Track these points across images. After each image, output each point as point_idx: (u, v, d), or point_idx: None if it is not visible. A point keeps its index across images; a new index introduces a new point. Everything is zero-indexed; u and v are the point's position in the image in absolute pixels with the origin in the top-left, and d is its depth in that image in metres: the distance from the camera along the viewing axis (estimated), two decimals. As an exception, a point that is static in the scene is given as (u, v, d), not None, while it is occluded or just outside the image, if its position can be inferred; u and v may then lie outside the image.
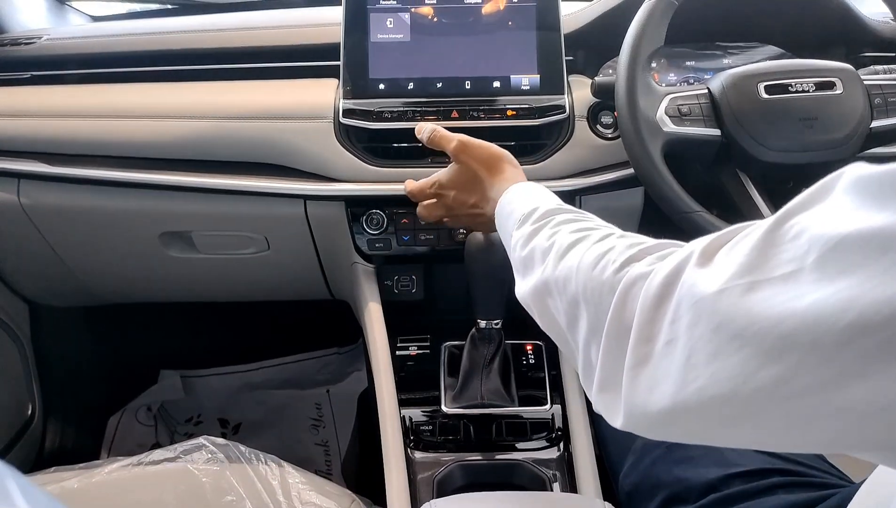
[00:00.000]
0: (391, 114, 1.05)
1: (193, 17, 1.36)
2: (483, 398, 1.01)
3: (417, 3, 1.08)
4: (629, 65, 0.93)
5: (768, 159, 0.91)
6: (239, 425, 1.73)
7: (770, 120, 0.91)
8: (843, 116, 0.91)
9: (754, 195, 0.93)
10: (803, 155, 0.91)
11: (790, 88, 0.92)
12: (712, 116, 0.94)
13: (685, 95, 0.95)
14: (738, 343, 0.37)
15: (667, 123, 0.92)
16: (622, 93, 0.93)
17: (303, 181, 1.08)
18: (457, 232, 1.09)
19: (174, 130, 1.08)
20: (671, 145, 0.92)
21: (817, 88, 0.92)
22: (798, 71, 0.94)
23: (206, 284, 1.37)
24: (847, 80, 0.93)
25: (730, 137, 0.92)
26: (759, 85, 0.92)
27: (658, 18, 0.93)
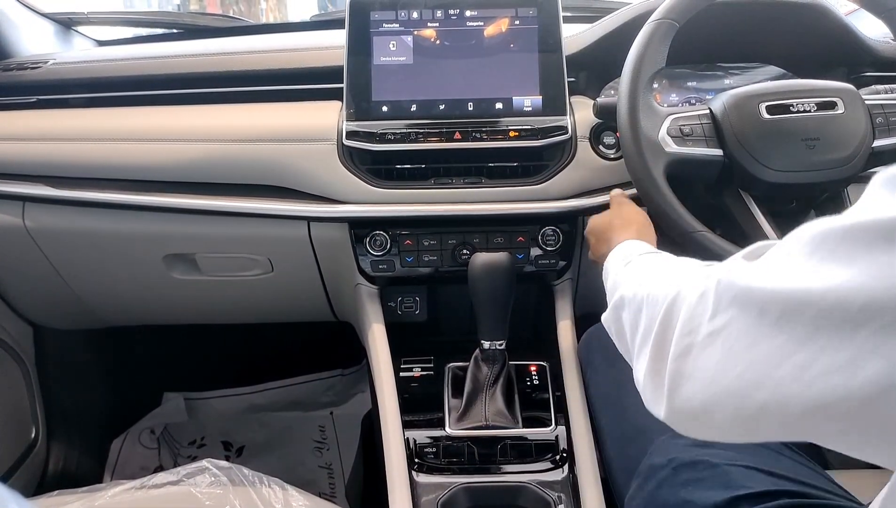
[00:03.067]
0: (394, 136, 1.06)
1: (198, 42, 1.37)
2: (487, 420, 1.00)
3: (420, 26, 1.09)
4: (631, 86, 0.93)
5: (771, 180, 0.90)
6: (242, 447, 1.72)
7: (772, 140, 0.91)
8: (845, 136, 0.91)
9: (757, 215, 0.93)
10: (806, 175, 0.91)
11: (791, 108, 0.92)
12: (714, 136, 0.94)
13: (687, 116, 0.95)
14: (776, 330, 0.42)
15: (669, 143, 0.93)
16: (624, 113, 0.93)
17: (306, 203, 1.09)
18: (460, 253, 1.10)
19: (179, 153, 1.09)
20: (673, 166, 0.92)
21: (819, 108, 0.92)
22: (799, 91, 0.94)
23: (209, 306, 1.37)
24: (848, 99, 0.93)
25: (732, 157, 0.92)
26: (760, 105, 0.92)
27: (659, 40, 0.94)
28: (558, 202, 1.07)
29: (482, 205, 1.07)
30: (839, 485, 0.74)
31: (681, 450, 0.80)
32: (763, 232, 0.91)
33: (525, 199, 1.07)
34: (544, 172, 1.08)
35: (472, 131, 1.06)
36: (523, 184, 1.08)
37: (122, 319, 1.47)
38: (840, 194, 0.95)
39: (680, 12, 0.94)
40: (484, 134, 1.06)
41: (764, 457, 0.75)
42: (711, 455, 0.75)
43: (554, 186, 1.07)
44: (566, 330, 1.11)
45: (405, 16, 1.09)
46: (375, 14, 1.09)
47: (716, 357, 0.47)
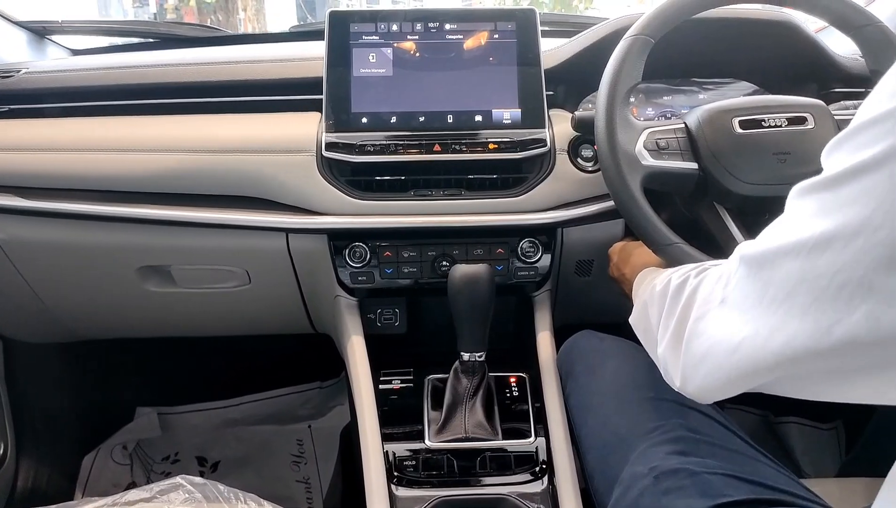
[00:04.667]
0: (374, 147, 1.06)
1: (175, 52, 1.36)
2: (467, 432, 1.00)
3: (400, 39, 1.09)
4: (608, 100, 0.94)
5: (744, 193, 0.92)
6: (218, 463, 1.70)
7: (745, 154, 0.92)
8: (815, 151, 0.91)
9: (731, 227, 0.94)
10: (778, 188, 0.92)
11: (763, 122, 0.93)
12: (689, 150, 0.95)
13: (663, 130, 0.97)
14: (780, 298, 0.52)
15: (645, 156, 0.94)
16: (601, 127, 0.94)
17: (285, 214, 1.08)
18: (439, 265, 1.10)
19: (154, 164, 1.08)
20: (650, 179, 0.94)
21: (789, 123, 0.93)
22: (771, 106, 0.95)
23: (184, 319, 1.35)
24: (818, 115, 0.95)
25: (706, 170, 0.93)
26: (733, 120, 0.94)
27: (635, 55, 0.95)
28: (537, 214, 1.08)
29: (462, 217, 1.08)
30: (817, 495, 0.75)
31: (662, 458, 0.80)
32: (736, 244, 0.92)
33: (504, 211, 1.08)
34: (523, 184, 1.09)
35: (451, 144, 1.06)
36: (502, 196, 1.08)
37: (94, 332, 1.45)
38: None
39: (655, 28, 0.96)
40: (463, 146, 1.06)
41: (744, 465, 0.76)
42: (692, 464, 0.76)
43: (533, 199, 1.08)
44: (545, 341, 1.12)
45: (385, 28, 1.09)
46: (355, 26, 1.09)
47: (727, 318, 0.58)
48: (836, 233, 0.47)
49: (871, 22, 0.96)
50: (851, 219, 0.46)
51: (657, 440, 0.84)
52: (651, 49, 0.96)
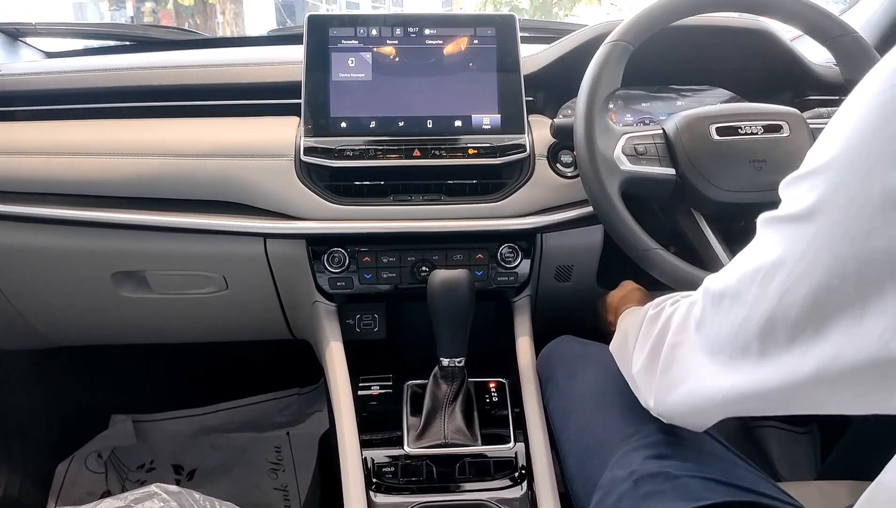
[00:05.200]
0: (353, 152, 1.05)
1: (152, 55, 1.35)
2: (446, 438, 0.99)
3: (379, 43, 1.09)
4: (587, 105, 0.95)
5: (720, 199, 0.93)
6: (194, 471, 1.68)
7: (721, 161, 0.93)
8: (790, 158, 0.94)
9: (707, 233, 0.95)
10: (753, 195, 0.93)
11: (740, 130, 0.94)
12: (667, 155, 0.96)
13: (641, 135, 0.97)
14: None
15: (624, 162, 0.94)
16: (581, 133, 0.94)
17: (263, 219, 1.07)
18: (419, 270, 1.09)
19: (129, 168, 1.07)
20: (628, 184, 0.94)
21: (765, 131, 0.95)
22: (747, 114, 0.97)
23: (160, 325, 1.34)
24: (793, 123, 0.96)
25: (684, 176, 0.94)
26: (710, 127, 0.95)
27: (615, 61, 0.96)
28: (517, 220, 1.08)
29: (441, 222, 1.07)
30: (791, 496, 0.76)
31: (641, 463, 0.81)
32: (713, 250, 0.94)
33: (484, 216, 1.08)
34: (503, 189, 1.09)
35: (431, 148, 1.06)
36: (482, 201, 1.08)
37: (67, 339, 1.43)
38: None
39: (635, 35, 0.96)
40: (443, 151, 1.06)
41: (722, 469, 0.76)
42: (672, 467, 0.76)
43: (512, 204, 1.08)
44: (525, 346, 1.12)
45: (364, 33, 1.09)
46: (334, 30, 1.09)
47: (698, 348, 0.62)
48: (785, 259, 0.52)
49: (847, 32, 0.98)
50: (792, 252, 0.51)
51: (636, 444, 0.84)
52: (630, 56, 0.97)
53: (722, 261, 0.92)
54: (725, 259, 0.93)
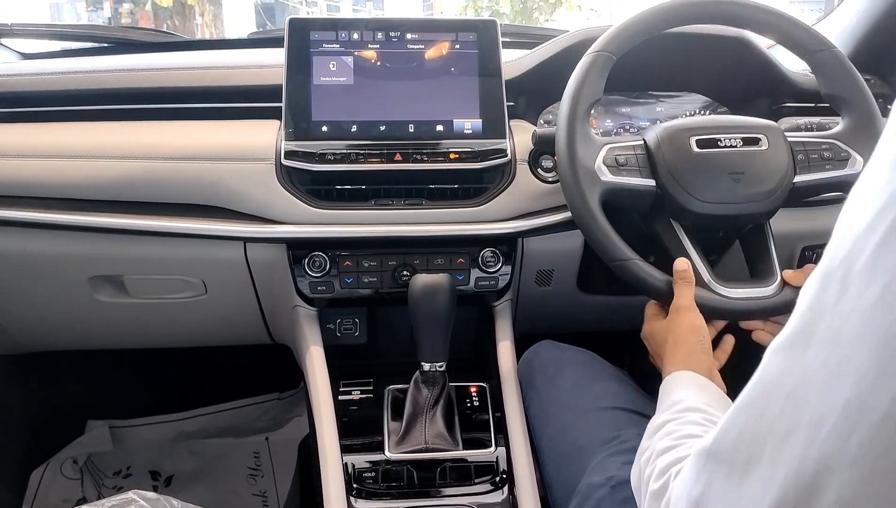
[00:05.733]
0: (334, 156, 1.05)
1: (130, 56, 1.34)
2: (427, 443, 0.99)
3: (360, 47, 1.09)
4: (569, 116, 0.95)
5: (699, 210, 0.94)
6: (171, 477, 1.66)
7: (701, 173, 0.94)
8: (768, 171, 0.95)
9: (686, 244, 0.96)
10: (732, 207, 0.95)
11: (720, 142, 0.95)
12: (648, 166, 0.97)
13: (622, 146, 0.98)
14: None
15: (604, 172, 0.95)
16: (562, 142, 0.95)
17: (242, 223, 1.06)
18: (400, 274, 1.09)
19: (108, 171, 1.05)
20: (608, 194, 0.95)
21: (744, 144, 0.96)
22: (727, 127, 0.98)
23: (138, 330, 1.32)
24: (772, 136, 0.97)
25: (664, 187, 0.95)
26: (691, 139, 0.96)
27: (597, 72, 0.96)
28: (498, 224, 1.08)
29: (422, 226, 1.07)
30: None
31: (619, 468, 0.81)
32: (691, 260, 0.94)
33: (465, 221, 1.08)
34: (484, 194, 1.09)
35: (412, 153, 1.06)
36: (463, 206, 1.08)
37: (43, 344, 1.40)
38: (763, 226, 0.99)
39: (618, 46, 0.97)
40: (424, 156, 1.06)
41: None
42: (649, 474, 0.76)
43: (493, 209, 1.08)
44: (506, 351, 1.12)
45: (345, 36, 1.09)
46: (315, 34, 1.08)
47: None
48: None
49: (826, 47, 0.98)
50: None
51: (614, 450, 0.85)
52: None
53: (701, 273, 0.93)
54: (704, 271, 0.93)
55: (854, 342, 0.37)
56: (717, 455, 0.47)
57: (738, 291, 0.92)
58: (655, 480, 0.62)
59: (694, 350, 0.84)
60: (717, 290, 0.92)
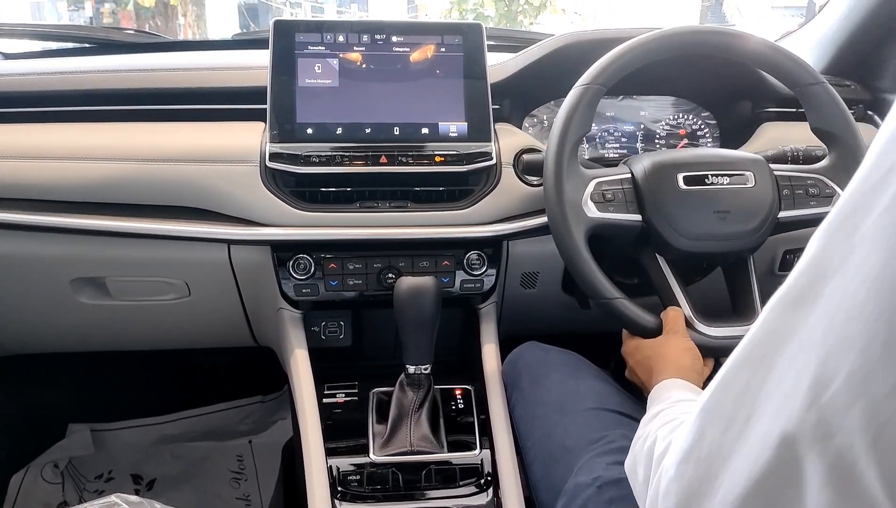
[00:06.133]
0: (319, 158, 1.05)
1: (113, 57, 1.33)
2: (412, 445, 0.99)
3: (346, 50, 1.08)
4: (558, 150, 0.95)
5: (684, 247, 0.95)
6: (153, 480, 1.65)
7: (687, 210, 0.95)
8: (753, 208, 0.96)
9: (669, 277, 0.97)
10: (716, 244, 0.96)
11: (707, 180, 0.96)
12: (634, 201, 0.97)
13: (610, 180, 0.98)
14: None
15: (591, 208, 0.95)
16: (550, 176, 0.95)
17: (227, 225, 1.06)
18: (385, 277, 1.09)
19: (91, 172, 1.05)
20: (595, 229, 0.96)
21: (731, 182, 0.97)
22: (714, 163, 0.99)
23: (120, 332, 1.31)
24: (759, 172, 0.98)
25: (650, 222, 0.96)
26: (678, 175, 0.96)
27: (586, 105, 0.97)
28: (483, 227, 1.08)
29: (407, 229, 1.07)
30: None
31: (605, 469, 0.81)
32: (673, 294, 0.96)
33: (450, 223, 1.08)
34: (469, 197, 1.09)
35: (398, 155, 1.06)
36: (448, 208, 1.08)
37: (23, 346, 1.39)
38: (746, 260, 1.01)
39: (606, 78, 0.98)
40: (410, 158, 1.06)
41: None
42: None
43: (479, 211, 1.08)
44: (491, 353, 1.12)
45: (331, 39, 1.08)
46: (301, 36, 1.08)
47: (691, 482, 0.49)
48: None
49: (817, 81, 0.99)
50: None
51: (600, 450, 0.85)
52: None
53: (682, 308, 0.94)
54: (686, 308, 0.94)
55: (860, 309, 0.36)
56: (717, 410, 0.47)
57: (720, 330, 0.93)
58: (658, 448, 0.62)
59: (686, 368, 0.86)
60: (699, 328, 0.93)
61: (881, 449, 0.35)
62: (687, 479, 0.49)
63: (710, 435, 0.47)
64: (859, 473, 0.36)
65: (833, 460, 0.37)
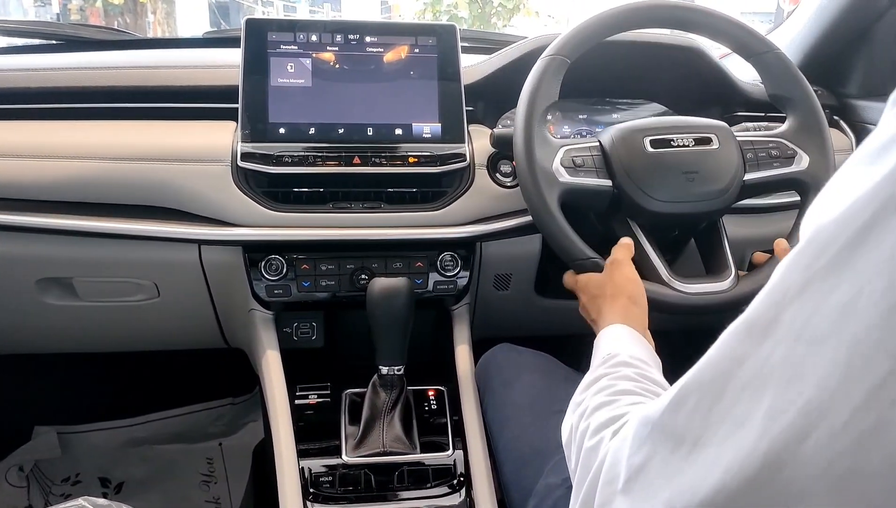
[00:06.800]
0: (292, 159, 1.04)
1: (81, 54, 1.30)
2: (385, 446, 0.99)
3: (319, 49, 1.08)
4: (526, 118, 0.96)
5: (655, 209, 0.96)
6: (122, 484, 1.62)
7: (656, 172, 0.96)
8: (720, 170, 0.98)
9: (643, 242, 0.98)
10: (686, 205, 0.97)
11: (672, 142, 0.98)
12: (604, 167, 0.98)
13: (579, 148, 0.99)
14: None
15: (562, 173, 0.96)
16: (520, 145, 0.96)
17: (197, 225, 1.05)
18: (358, 278, 1.09)
19: (59, 171, 1.03)
20: (567, 195, 0.96)
21: (696, 143, 0.98)
22: (678, 127, 1.00)
23: (88, 333, 1.29)
24: (722, 136, 1.00)
25: (620, 187, 0.97)
26: (644, 139, 0.98)
27: (552, 75, 0.98)
28: (456, 228, 1.08)
29: (381, 230, 1.07)
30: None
31: (576, 471, 0.82)
32: (649, 259, 0.96)
33: (423, 224, 1.08)
34: (443, 198, 1.09)
35: (371, 156, 1.06)
36: (422, 210, 1.08)
37: (-13, 347, 1.36)
38: (717, 223, 1.02)
39: (571, 49, 0.98)
40: (383, 159, 1.06)
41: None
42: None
43: (452, 213, 1.09)
44: (464, 354, 1.12)
45: (304, 38, 1.08)
46: (273, 35, 1.07)
47: (636, 500, 0.47)
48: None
49: (770, 49, 1.02)
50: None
51: None
52: (568, 70, 0.99)
53: (658, 270, 0.95)
54: (661, 268, 0.95)
55: (818, 340, 0.36)
56: (665, 429, 0.45)
57: (695, 286, 0.94)
58: (591, 437, 0.60)
59: (629, 304, 0.87)
60: (675, 286, 0.94)
61: (832, 484, 0.35)
62: (632, 497, 0.48)
63: (660, 455, 0.46)
64: (807, 504, 0.36)
65: (779, 491, 0.37)
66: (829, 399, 0.35)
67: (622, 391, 0.67)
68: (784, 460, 0.36)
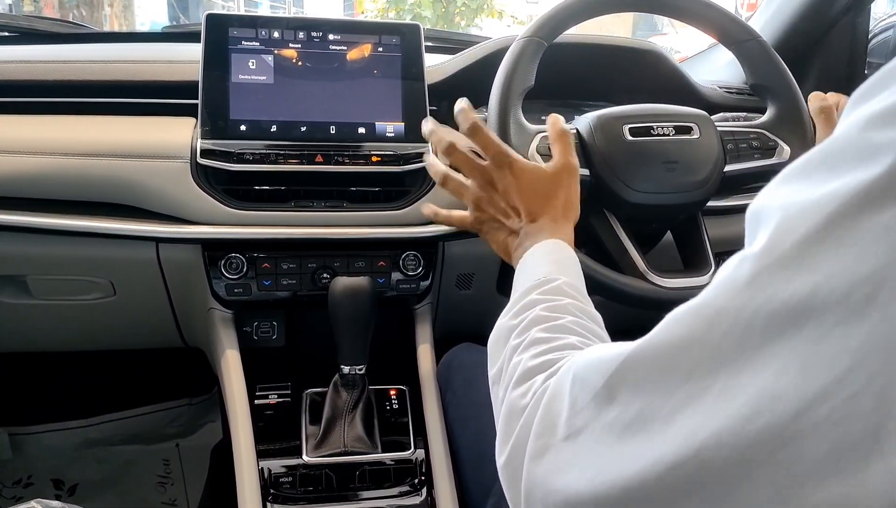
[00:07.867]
0: (253, 156, 1.03)
1: (34, 47, 1.27)
2: (346, 446, 0.99)
3: (281, 46, 1.07)
4: (501, 101, 0.94)
5: (634, 200, 0.94)
6: (76, 485, 1.59)
7: (635, 162, 0.94)
8: (700, 161, 0.96)
9: (621, 235, 0.96)
10: (666, 196, 0.95)
11: (652, 131, 0.96)
12: (582, 156, 0.95)
13: None
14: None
15: (539, 161, 0.93)
16: (495, 128, 0.93)
17: (155, 223, 1.03)
18: (320, 277, 1.08)
19: (13, 167, 1.00)
20: None
21: (677, 132, 0.96)
22: (659, 115, 0.98)
23: (41, 332, 1.26)
24: (703, 125, 0.98)
25: (598, 176, 0.94)
26: (624, 127, 0.95)
27: (529, 57, 0.95)
28: (419, 228, 1.08)
29: (343, 229, 1.07)
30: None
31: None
32: (627, 253, 0.95)
33: (386, 224, 1.08)
34: (406, 197, 1.09)
35: (333, 155, 1.05)
36: (385, 209, 1.08)
37: (-66, 347, 1.32)
38: (695, 216, 1.01)
39: (548, 32, 0.97)
40: (346, 158, 1.06)
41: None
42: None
43: (415, 212, 1.08)
44: (425, 354, 1.12)
45: (266, 34, 1.07)
46: (234, 30, 1.06)
47: (573, 459, 0.44)
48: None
49: (752, 37, 1.01)
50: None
51: None
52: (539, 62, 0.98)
53: (636, 264, 0.93)
54: (639, 262, 0.94)
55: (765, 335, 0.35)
56: (611, 398, 0.43)
57: (674, 281, 0.93)
58: (517, 384, 0.57)
59: (567, 223, 0.81)
60: (653, 280, 0.92)
61: (772, 471, 0.34)
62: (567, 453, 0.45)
63: (600, 423, 0.43)
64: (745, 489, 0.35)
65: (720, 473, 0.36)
66: (775, 389, 0.34)
67: (559, 327, 0.63)
68: (727, 443, 0.35)
